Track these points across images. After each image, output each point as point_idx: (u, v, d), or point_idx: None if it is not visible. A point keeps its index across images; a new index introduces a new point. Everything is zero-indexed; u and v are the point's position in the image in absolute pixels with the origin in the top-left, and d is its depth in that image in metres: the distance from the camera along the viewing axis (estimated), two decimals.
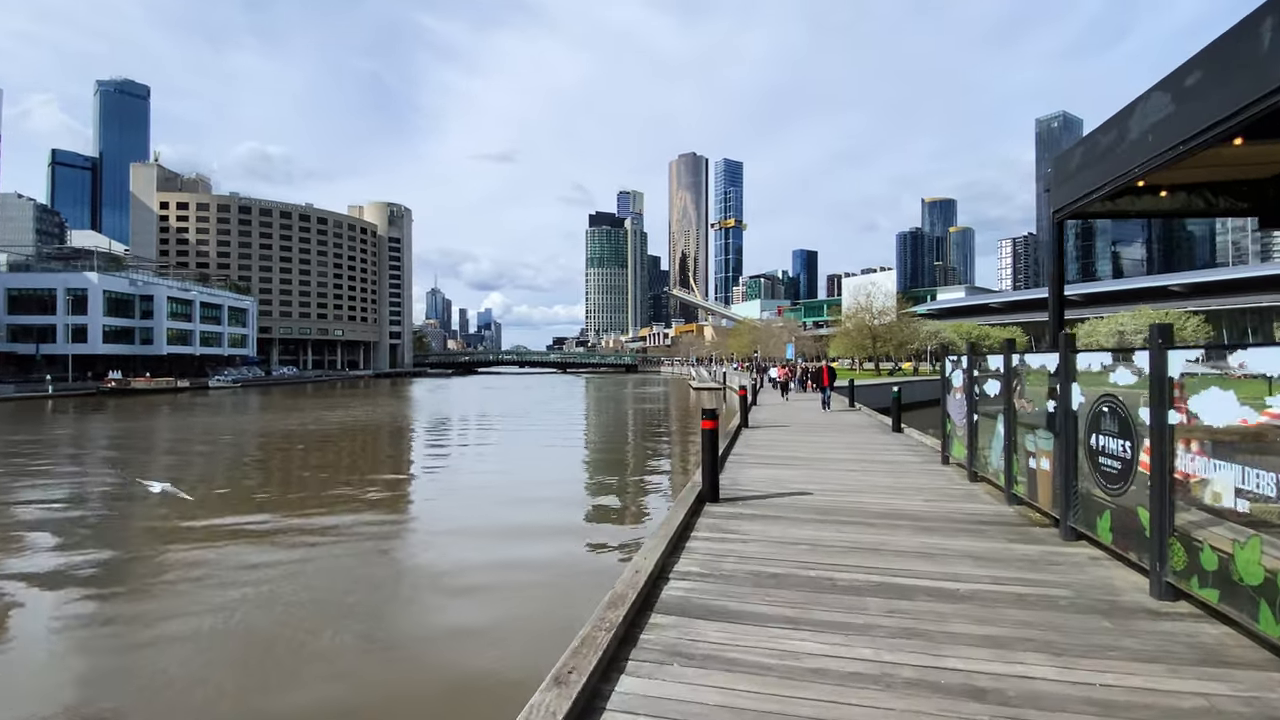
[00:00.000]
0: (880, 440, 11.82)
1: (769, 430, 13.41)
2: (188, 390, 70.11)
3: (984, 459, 6.89)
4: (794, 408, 20.61)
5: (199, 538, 10.45)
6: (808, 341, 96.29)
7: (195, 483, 15.18)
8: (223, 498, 13.87)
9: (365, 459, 20.75)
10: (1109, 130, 4.82)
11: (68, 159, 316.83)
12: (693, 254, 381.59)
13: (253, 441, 24.98)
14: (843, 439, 12.03)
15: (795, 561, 4.35)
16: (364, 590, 7.99)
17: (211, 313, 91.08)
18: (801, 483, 7.28)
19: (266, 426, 30.80)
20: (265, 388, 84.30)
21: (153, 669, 5.88)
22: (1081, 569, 4.24)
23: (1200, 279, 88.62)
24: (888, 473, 8.12)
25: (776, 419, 16.21)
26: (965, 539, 4.97)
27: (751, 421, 14.92)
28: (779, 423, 15.26)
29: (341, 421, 32.57)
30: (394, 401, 51.96)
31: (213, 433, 28.64)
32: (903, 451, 10.19)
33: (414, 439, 26.49)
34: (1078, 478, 4.71)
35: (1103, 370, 4.48)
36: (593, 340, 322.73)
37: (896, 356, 68.65)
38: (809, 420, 15.86)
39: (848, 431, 13.34)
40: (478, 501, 13.70)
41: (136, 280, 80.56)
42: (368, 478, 16.35)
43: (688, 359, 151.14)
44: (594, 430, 30.79)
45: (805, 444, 11.18)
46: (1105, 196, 5.08)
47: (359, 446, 23.58)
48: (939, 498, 6.54)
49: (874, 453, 10.09)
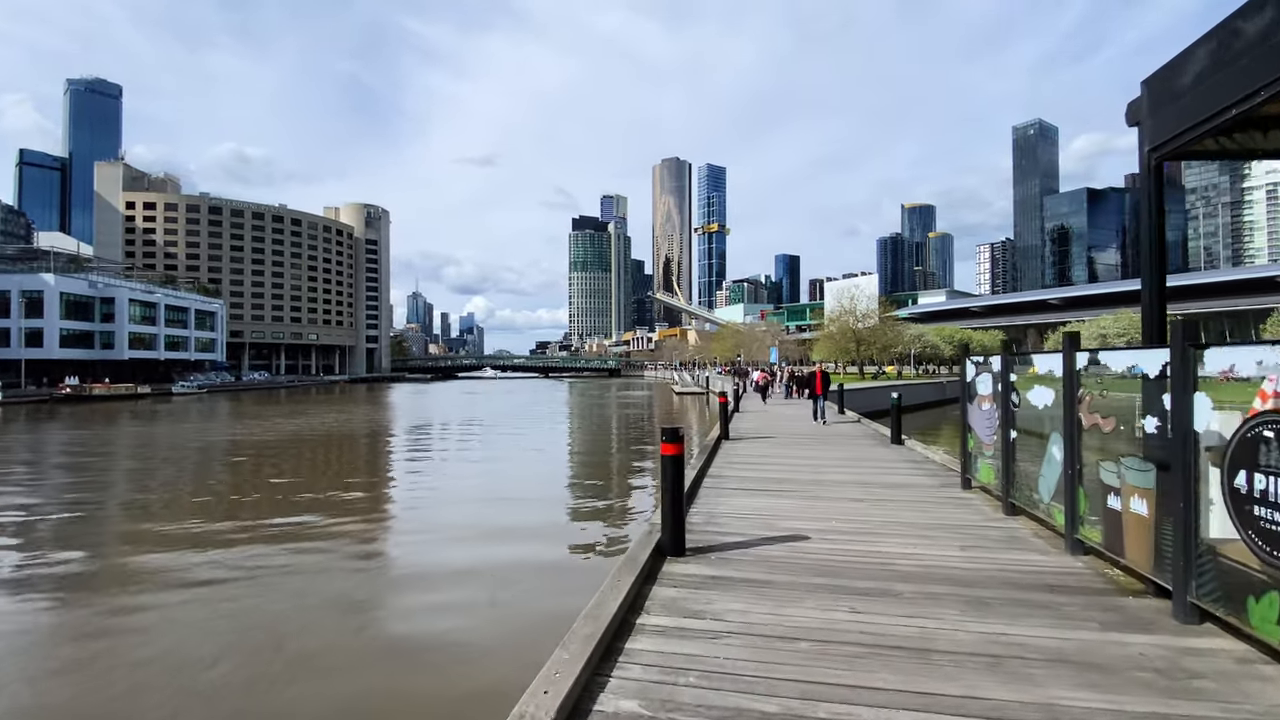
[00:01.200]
0: (880, 455, 10.30)
1: (753, 443, 11.84)
2: (149, 396, 67.03)
3: (1026, 488, 5.37)
4: (778, 415, 19.10)
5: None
6: (791, 345, 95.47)
7: (115, 507, 13.23)
8: (129, 531, 11.95)
9: (312, 476, 18.82)
10: (1240, 23, 3.32)
11: (36, 159, 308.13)
12: (676, 258, 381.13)
13: (198, 454, 22.88)
14: (837, 453, 10.50)
15: (794, 684, 2.72)
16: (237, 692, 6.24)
17: (177, 316, 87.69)
18: (796, 519, 5.69)
19: (223, 436, 28.60)
20: (234, 393, 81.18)
21: None
22: (1245, 692, 2.69)
23: (1177, 283, 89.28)
24: (902, 502, 6.54)
25: (761, 429, 14.68)
26: (1041, 623, 3.38)
27: (733, 432, 13.36)
28: (764, 433, 13.71)
29: (297, 432, 30.45)
30: (365, 408, 49.69)
31: (149, 445, 26.42)
32: (910, 470, 8.67)
33: (376, 450, 24.55)
34: (1203, 531, 3.20)
35: (1255, 378, 2.94)
36: (576, 344, 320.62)
37: (880, 360, 67.80)
38: (797, 430, 14.33)
39: (841, 443, 11.82)
40: (413, 547, 11.96)
41: (97, 282, 77.21)
42: (301, 506, 14.48)
43: (671, 363, 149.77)
44: (569, 440, 29.06)
45: (795, 461, 9.62)
46: (1222, 129, 3.59)
47: (305, 461, 21.60)
48: (976, 542, 4.98)
49: (877, 472, 8.55)
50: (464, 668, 5.85)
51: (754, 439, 12.57)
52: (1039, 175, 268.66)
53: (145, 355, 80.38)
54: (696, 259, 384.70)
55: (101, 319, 76.05)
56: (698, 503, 6.36)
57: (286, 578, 8.70)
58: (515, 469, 19.42)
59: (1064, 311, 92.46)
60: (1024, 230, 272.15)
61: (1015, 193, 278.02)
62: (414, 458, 22.55)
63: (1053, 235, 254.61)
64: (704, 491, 7.01)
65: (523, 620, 6.94)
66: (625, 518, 12.17)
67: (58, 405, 55.35)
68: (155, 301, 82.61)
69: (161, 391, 70.58)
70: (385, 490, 15.85)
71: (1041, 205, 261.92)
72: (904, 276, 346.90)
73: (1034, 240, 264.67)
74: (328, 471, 19.12)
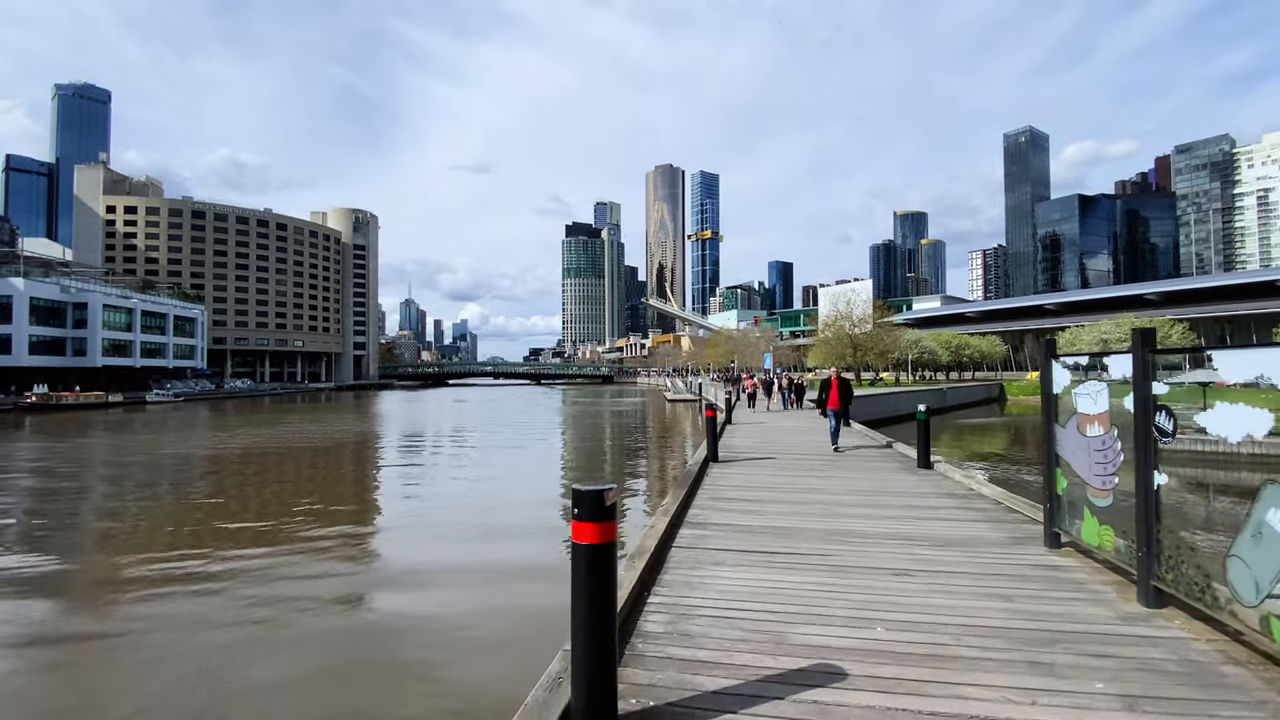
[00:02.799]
0: (910, 487, 8.10)
1: (747, 468, 9.73)
2: (120, 405, 64.42)
3: (1193, 570, 3.30)
4: (776, 429, 17.01)
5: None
6: (785, 351, 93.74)
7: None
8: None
9: (269, 504, 16.60)
10: None
11: (23, 164, 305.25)
12: (670, 265, 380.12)
13: (144, 473, 20.59)
14: (854, 483, 8.42)
15: None
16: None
17: (155, 322, 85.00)
18: (816, 619, 3.57)
19: (183, 450, 26.24)
20: (215, 401, 78.60)
21: None
22: None
23: (1175, 288, 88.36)
24: (969, 576, 4.37)
25: (756, 447, 12.60)
26: None
27: (724, 452, 11.28)
28: (760, 452, 11.63)
29: (263, 446, 28.13)
30: (343, 417, 47.33)
31: (87, 461, 24.06)
32: (959, 512, 6.54)
33: (340, 468, 22.31)
34: None
35: None
36: (569, 351, 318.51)
37: (877, 366, 65.93)
38: (799, 449, 12.23)
39: (856, 467, 9.73)
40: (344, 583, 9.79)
41: (70, 287, 74.62)
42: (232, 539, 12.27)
43: (664, 369, 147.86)
44: (549, 453, 26.90)
45: (802, 497, 7.48)
46: None
47: (266, 484, 19.37)
48: (1135, 673, 2.90)
49: (914, 515, 6.40)
50: None
51: (749, 461, 10.48)
52: (1030, 182, 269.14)
53: (120, 363, 77.66)
54: (690, 266, 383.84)
55: (74, 325, 73.42)
56: (664, 582, 4.23)
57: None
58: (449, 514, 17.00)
59: (1060, 317, 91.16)
60: (1015, 237, 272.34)
61: (1006, 199, 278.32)
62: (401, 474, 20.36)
63: (1044, 242, 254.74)
64: (677, 556, 4.87)
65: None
66: None
67: (23, 415, 52.80)
68: (131, 307, 79.96)
69: (135, 400, 67.97)
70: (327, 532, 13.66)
71: (1033, 212, 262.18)
72: (896, 283, 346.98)
73: (1026, 247, 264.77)
74: (286, 500, 16.89)
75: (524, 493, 16.74)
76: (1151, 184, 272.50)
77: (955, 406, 47.00)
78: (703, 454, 10.23)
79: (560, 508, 14.11)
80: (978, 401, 54.38)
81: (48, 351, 70.43)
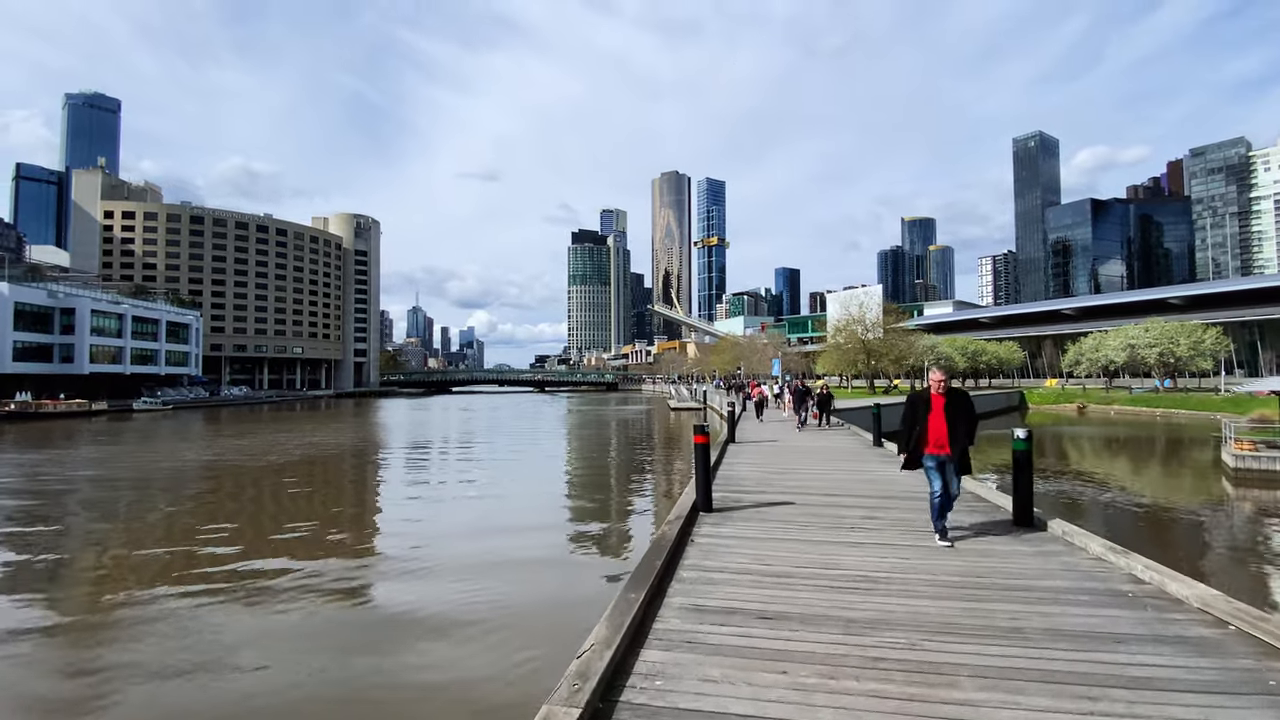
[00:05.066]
0: (1025, 564, 5.27)
1: (756, 527, 6.79)
2: (105, 414, 62.31)
3: None
4: (792, 450, 14.22)
5: None
6: (794, 358, 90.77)
7: None
8: None
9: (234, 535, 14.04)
10: None
11: (33, 173, 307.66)
12: (676, 272, 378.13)
13: (102, 492, 18.09)
14: (936, 558, 5.57)
15: None
16: None
17: (147, 328, 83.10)
18: None
19: (156, 463, 23.76)
20: (209, 409, 76.48)
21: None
22: None
23: (1200, 291, 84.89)
24: None
25: (768, 480, 9.77)
26: None
27: (722, 489, 8.52)
28: (773, 492, 8.79)
29: (235, 462, 25.64)
30: (335, 427, 44.88)
31: (36, 477, 21.57)
32: (1135, 627, 3.90)
33: (309, 492, 19.75)
34: None
35: None
36: (575, 358, 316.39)
37: (892, 373, 62.95)
38: (827, 486, 9.43)
39: (923, 523, 6.73)
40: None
41: (57, 292, 72.85)
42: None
43: (670, 377, 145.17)
44: (535, 472, 24.27)
45: (860, 609, 4.44)
46: None
47: (243, 507, 16.84)
48: None
49: (1063, 644, 3.76)
50: None
51: (756, 509, 7.56)
52: (1040, 188, 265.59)
53: (110, 369, 75.75)
54: (696, 272, 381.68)
55: (61, 331, 71.59)
56: None
57: None
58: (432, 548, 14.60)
59: (1079, 322, 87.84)
60: (1025, 243, 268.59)
61: (1016, 205, 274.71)
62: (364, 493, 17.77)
63: (1055, 248, 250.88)
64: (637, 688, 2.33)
65: None
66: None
67: (2, 424, 50.74)
68: (122, 313, 78.10)
69: (121, 408, 65.83)
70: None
71: (1043, 217, 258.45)
72: (905, 289, 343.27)
73: (1036, 253, 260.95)
74: (247, 536, 14.32)
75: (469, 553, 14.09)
76: (1164, 189, 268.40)
77: (983, 416, 44.05)
78: (690, 502, 7.29)
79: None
80: (1000, 410, 51.40)
81: (34, 358, 68.58)
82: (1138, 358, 55.87)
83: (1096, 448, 29.87)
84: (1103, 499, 16.41)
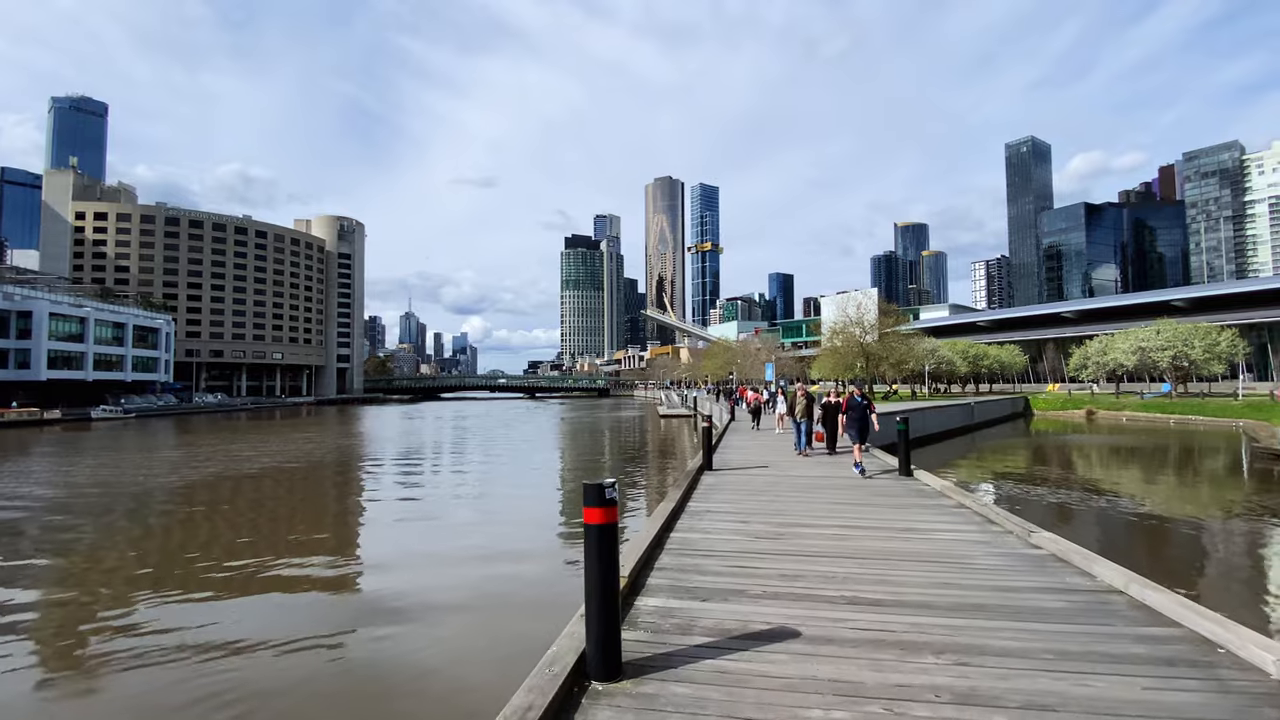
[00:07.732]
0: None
1: (737, 622, 3.89)
2: (59, 423, 58.59)
3: None
4: (789, 482, 11.12)
5: None
6: (788, 362, 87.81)
7: None
8: None
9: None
10: None
11: (16, 177, 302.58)
12: (669, 277, 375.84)
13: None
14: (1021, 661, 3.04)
15: None
16: None
17: (111, 332, 79.35)
18: None
19: (74, 484, 20.30)
20: (178, 417, 72.77)
21: None
22: None
23: (1204, 293, 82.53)
24: None
25: (750, 552, 6.63)
26: None
27: (653, 603, 4.68)
28: (756, 582, 5.56)
29: (195, 477, 22.27)
30: (313, 435, 41.45)
31: None
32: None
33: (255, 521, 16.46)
34: None
35: None
36: (568, 364, 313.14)
37: (891, 378, 59.99)
38: (856, 548, 6.29)
39: (985, 589, 4.09)
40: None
41: (13, 294, 69.13)
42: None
43: (662, 382, 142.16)
44: (511, 496, 21.06)
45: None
46: None
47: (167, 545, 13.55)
48: None
49: None
50: None
51: (716, 652, 3.59)
52: (1033, 193, 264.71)
53: (69, 375, 71.98)
54: (690, 278, 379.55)
55: (17, 335, 67.85)
56: None
57: None
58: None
59: (1080, 325, 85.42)
60: (1019, 248, 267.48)
61: (1009, 210, 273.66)
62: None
63: (1048, 252, 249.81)
64: None
65: None
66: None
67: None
68: (84, 316, 74.38)
69: (78, 417, 62.05)
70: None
71: (1036, 222, 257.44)
72: (898, 294, 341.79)
73: (1029, 258, 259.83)
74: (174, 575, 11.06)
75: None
76: (1155, 193, 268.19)
77: (983, 424, 41.15)
78: (636, 561, 3.95)
79: None
80: (1004, 417, 48.49)
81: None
82: (1149, 361, 53.18)
83: (1121, 460, 26.89)
84: (1157, 530, 13.38)
